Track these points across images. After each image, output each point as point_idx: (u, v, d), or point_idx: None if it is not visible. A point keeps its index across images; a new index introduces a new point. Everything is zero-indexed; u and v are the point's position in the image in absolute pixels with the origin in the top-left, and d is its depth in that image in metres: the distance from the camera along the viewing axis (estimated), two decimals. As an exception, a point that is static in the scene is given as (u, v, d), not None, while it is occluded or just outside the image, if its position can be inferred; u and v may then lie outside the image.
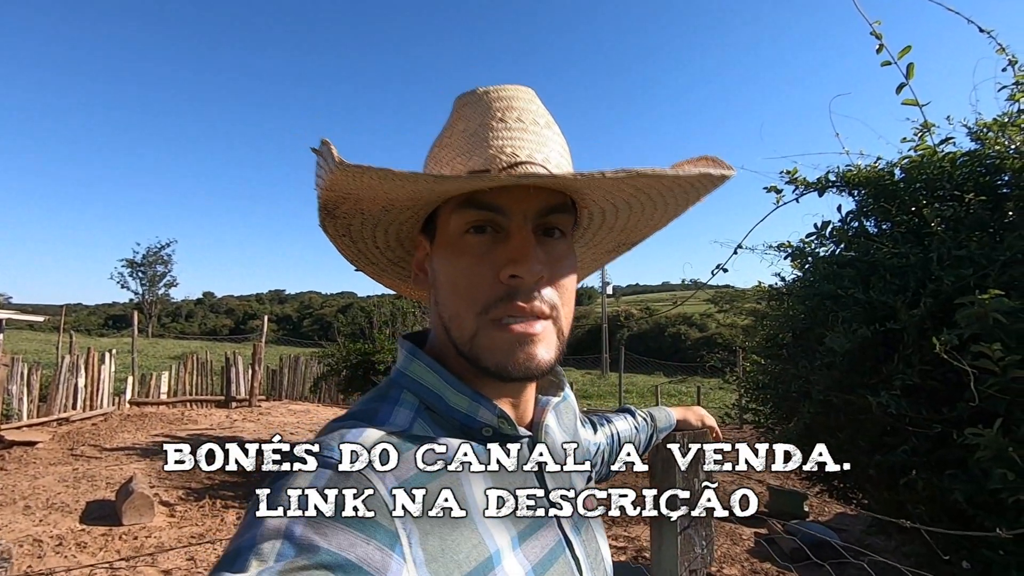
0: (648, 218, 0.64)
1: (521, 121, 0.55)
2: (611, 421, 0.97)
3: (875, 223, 2.44)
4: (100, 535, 4.11)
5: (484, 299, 0.51)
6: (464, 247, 0.53)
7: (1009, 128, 2.13)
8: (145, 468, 6.00)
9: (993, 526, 1.67)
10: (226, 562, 0.37)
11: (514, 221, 0.52)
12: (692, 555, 1.01)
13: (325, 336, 10.69)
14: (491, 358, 0.51)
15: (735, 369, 5.24)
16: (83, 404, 8.99)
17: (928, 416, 1.80)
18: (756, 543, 4.27)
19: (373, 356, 6.81)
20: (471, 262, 0.52)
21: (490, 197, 0.51)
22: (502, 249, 0.52)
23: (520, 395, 0.59)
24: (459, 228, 0.53)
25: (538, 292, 0.52)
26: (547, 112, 0.59)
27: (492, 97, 0.56)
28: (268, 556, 0.36)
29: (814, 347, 2.28)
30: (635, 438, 0.99)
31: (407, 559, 0.41)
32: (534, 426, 0.61)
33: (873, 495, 2.29)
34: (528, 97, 0.57)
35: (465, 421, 0.54)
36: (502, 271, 0.51)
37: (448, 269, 0.54)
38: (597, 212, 0.64)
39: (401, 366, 0.58)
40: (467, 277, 0.52)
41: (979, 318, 1.66)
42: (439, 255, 0.55)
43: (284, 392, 13.02)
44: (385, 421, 0.51)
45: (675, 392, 17.77)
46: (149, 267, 55.42)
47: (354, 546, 0.38)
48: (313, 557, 0.36)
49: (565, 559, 0.55)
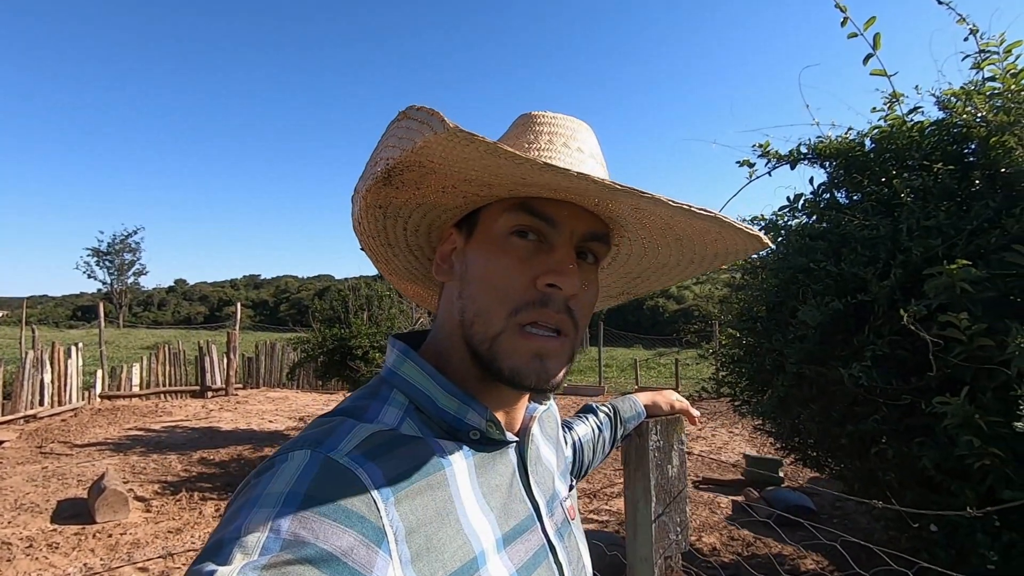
0: (663, 273, 0.70)
1: (581, 151, 0.58)
2: (572, 428, 0.95)
3: (846, 194, 2.45)
4: (73, 534, 4.01)
5: (516, 300, 0.52)
6: (508, 247, 0.54)
7: (975, 96, 2.13)
8: (118, 463, 5.87)
9: (959, 490, 1.71)
10: (209, 553, 0.36)
11: (562, 235, 0.55)
12: (667, 542, 0.99)
13: (302, 321, 10.52)
14: (509, 362, 0.52)
15: (711, 342, 5.31)
16: (51, 400, 8.73)
17: (898, 386, 1.82)
18: (733, 511, 4.38)
19: (350, 341, 6.72)
20: (512, 263, 0.53)
21: (547, 207, 0.54)
22: (544, 258, 0.54)
23: (515, 403, 0.60)
24: (506, 228, 0.55)
25: (567, 308, 0.53)
26: (600, 150, 0.62)
27: (558, 124, 0.59)
28: (252, 549, 0.36)
29: (787, 320, 2.29)
30: (598, 438, 0.98)
31: (393, 556, 0.41)
32: (521, 432, 0.61)
33: (845, 463, 2.34)
34: (588, 132, 0.61)
35: (454, 423, 0.54)
36: (541, 278, 0.52)
37: (485, 265, 0.55)
38: (623, 255, 0.69)
39: (392, 365, 0.57)
40: (506, 276, 0.53)
41: (947, 288, 1.68)
42: (477, 250, 0.56)
43: (261, 380, 12.86)
44: (374, 418, 0.51)
45: (654, 364, 18.05)
46: (116, 255, 53.74)
47: (340, 541, 0.38)
48: (298, 551, 0.36)
49: (548, 564, 0.56)
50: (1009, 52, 2.05)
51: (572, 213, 0.55)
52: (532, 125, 0.59)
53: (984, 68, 2.14)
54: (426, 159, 0.48)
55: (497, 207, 0.56)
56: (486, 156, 0.45)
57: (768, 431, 2.91)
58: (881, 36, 2.05)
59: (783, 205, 2.55)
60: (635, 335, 25.29)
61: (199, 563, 0.36)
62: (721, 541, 3.81)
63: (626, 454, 1.05)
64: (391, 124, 0.48)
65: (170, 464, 5.89)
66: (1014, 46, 2.04)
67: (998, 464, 1.55)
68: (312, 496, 0.40)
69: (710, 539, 3.83)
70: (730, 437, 7.32)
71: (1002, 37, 2.07)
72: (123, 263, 54.14)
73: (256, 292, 73.64)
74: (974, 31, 2.17)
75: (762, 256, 2.88)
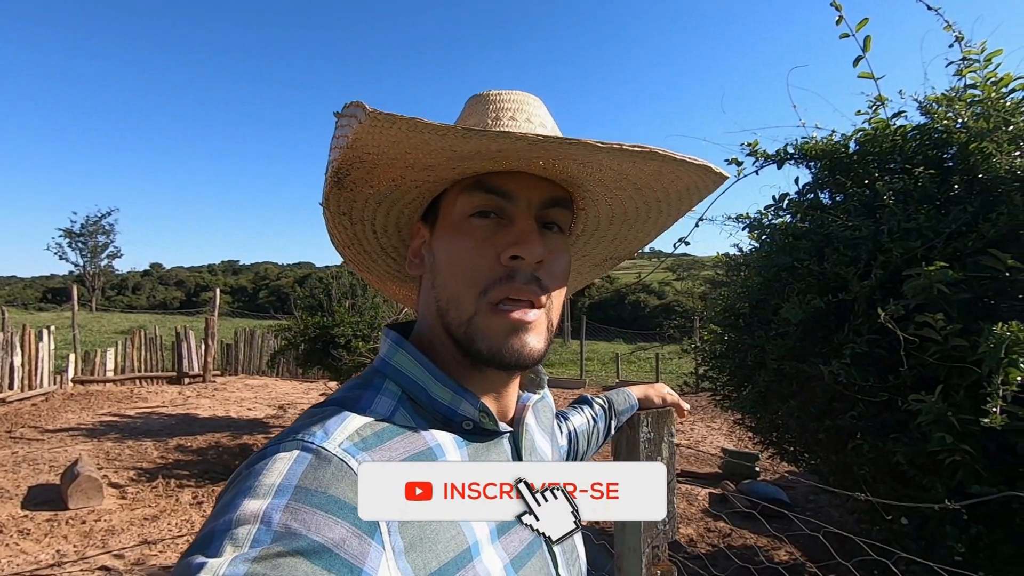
0: (640, 227, 0.69)
1: (530, 122, 0.58)
2: (567, 418, 0.96)
3: (830, 195, 2.49)
4: (45, 520, 3.93)
5: (484, 280, 0.52)
6: (468, 229, 0.54)
7: (956, 102, 2.18)
8: (92, 449, 5.76)
9: (931, 484, 1.77)
10: (200, 545, 0.36)
11: (519, 208, 0.55)
12: (655, 532, 1.01)
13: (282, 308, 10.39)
14: (486, 342, 0.52)
15: (692, 337, 5.38)
16: (20, 384, 8.51)
17: (875, 383, 1.88)
18: (710, 503, 4.47)
19: (332, 329, 6.65)
20: (474, 244, 0.53)
21: (499, 181, 0.54)
22: (505, 233, 0.54)
23: (504, 389, 0.60)
24: (464, 211, 0.55)
25: (535, 279, 0.53)
26: (554, 121, 0.61)
27: (504, 98, 0.59)
28: (243, 542, 0.35)
29: (770, 317, 2.34)
30: (592, 429, 0.99)
31: (386, 547, 0.41)
32: (514, 422, 0.61)
33: (822, 457, 2.41)
34: (537, 103, 0.60)
35: (447, 413, 0.54)
36: (504, 253, 0.52)
37: (450, 251, 0.55)
38: (592, 219, 0.68)
39: (385, 355, 0.57)
40: (469, 258, 0.53)
41: (924, 289, 1.73)
42: (441, 238, 0.57)
43: (240, 367, 12.69)
44: (367, 409, 0.50)
45: (635, 359, 18.22)
46: (90, 237, 52.30)
47: (332, 532, 0.38)
48: (289, 543, 0.36)
49: (542, 554, 0.55)
50: (989, 61, 2.11)
51: (525, 183, 0.55)
52: (480, 103, 0.59)
53: (966, 75, 2.20)
54: (363, 152, 0.49)
55: (453, 192, 0.56)
56: (411, 134, 0.45)
57: (748, 425, 2.97)
58: (871, 39, 2.08)
59: (768, 204, 2.59)
60: (616, 329, 25.48)
61: (189, 555, 0.35)
62: (698, 532, 3.89)
63: (617, 445, 1.07)
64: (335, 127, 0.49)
65: (146, 451, 5.80)
66: (995, 55, 2.10)
67: (968, 460, 1.61)
68: (304, 487, 0.39)
69: (687, 530, 3.90)
70: (708, 431, 7.44)
71: (983, 46, 2.12)
72: (96, 245, 52.68)
73: (235, 278, 72.41)
74: (959, 38, 2.22)
75: (745, 254, 2.93)
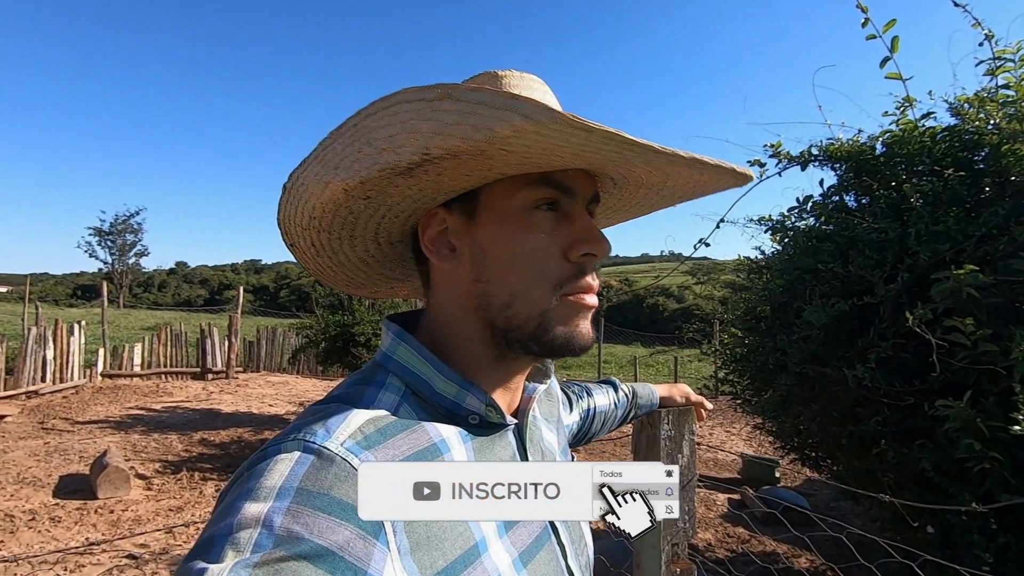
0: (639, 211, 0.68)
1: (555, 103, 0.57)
2: (591, 394, 0.96)
3: (855, 198, 2.46)
4: (75, 509, 4.06)
5: (556, 276, 0.52)
6: (533, 223, 0.52)
7: (988, 103, 2.14)
8: (119, 441, 5.91)
9: (958, 492, 1.74)
10: (201, 551, 0.35)
11: (577, 203, 0.54)
12: (675, 529, 1.02)
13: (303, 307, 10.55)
14: (562, 331, 0.52)
15: (711, 340, 5.32)
16: (52, 377, 8.77)
17: (900, 388, 1.84)
18: (729, 508, 4.42)
19: (352, 328, 6.74)
20: (542, 238, 0.52)
21: (565, 178, 0.53)
22: (566, 227, 0.53)
23: (520, 381, 0.59)
24: (527, 203, 0.52)
25: (595, 271, 0.54)
26: None
27: (535, 84, 0.57)
28: (245, 546, 0.34)
29: (792, 320, 2.31)
30: (612, 414, 0.99)
31: (391, 547, 0.40)
32: (520, 414, 0.60)
33: (844, 463, 2.37)
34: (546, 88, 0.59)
35: (452, 408, 0.53)
36: (574, 249, 0.52)
37: (510, 244, 0.52)
38: None
39: (387, 349, 0.55)
40: (538, 253, 0.52)
41: (953, 293, 1.69)
42: (493, 230, 0.53)
43: (262, 364, 12.91)
44: (369, 405, 0.49)
45: (653, 363, 18.09)
46: (118, 236, 53.67)
47: (335, 535, 0.37)
48: (292, 547, 0.35)
49: (551, 545, 0.55)
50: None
51: (580, 179, 0.54)
52: (502, 85, 0.55)
53: (998, 75, 2.15)
54: (508, 147, 0.43)
55: (512, 181, 0.52)
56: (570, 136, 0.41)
57: (768, 430, 2.93)
58: (899, 40, 2.05)
59: (791, 206, 2.56)
60: (635, 332, 25.29)
61: (190, 560, 0.35)
62: (716, 537, 3.85)
63: (637, 443, 1.07)
64: (411, 104, 0.43)
65: (171, 444, 5.94)
66: (1030, 54, 2.05)
67: (997, 468, 1.57)
68: (305, 489, 0.38)
69: (706, 535, 3.87)
70: (727, 436, 7.36)
71: (1019, 45, 2.07)
72: (124, 243, 54.06)
73: (257, 277, 73.64)
74: (989, 36, 2.17)
75: (767, 257, 2.89)
